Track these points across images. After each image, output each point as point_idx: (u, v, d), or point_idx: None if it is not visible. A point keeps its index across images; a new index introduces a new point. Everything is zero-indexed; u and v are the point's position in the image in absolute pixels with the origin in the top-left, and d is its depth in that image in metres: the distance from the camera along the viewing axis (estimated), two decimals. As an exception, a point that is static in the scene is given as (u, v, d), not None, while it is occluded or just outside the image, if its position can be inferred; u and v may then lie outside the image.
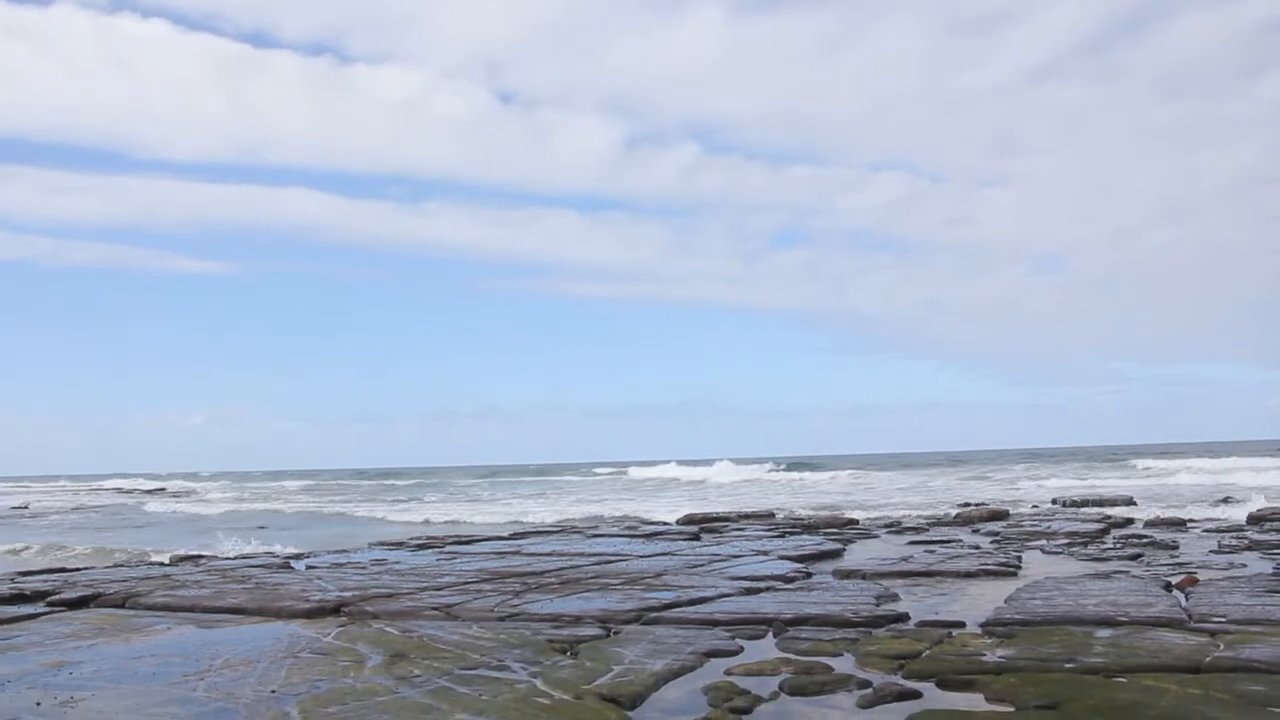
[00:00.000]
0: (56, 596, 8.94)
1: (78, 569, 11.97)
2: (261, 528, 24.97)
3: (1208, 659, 5.62)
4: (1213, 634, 6.37)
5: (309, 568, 11.84)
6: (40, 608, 8.50)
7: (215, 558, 13.88)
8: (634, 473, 59.20)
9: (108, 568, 12.49)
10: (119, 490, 63.01)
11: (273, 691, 5.37)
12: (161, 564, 12.77)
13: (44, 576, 10.83)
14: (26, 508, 40.91)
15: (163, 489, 62.43)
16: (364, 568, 11.58)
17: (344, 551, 14.68)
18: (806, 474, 51.90)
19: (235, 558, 13.87)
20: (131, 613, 8.37)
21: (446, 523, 25.44)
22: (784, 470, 56.18)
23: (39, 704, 5.13)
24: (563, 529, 19.10)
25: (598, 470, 65.36)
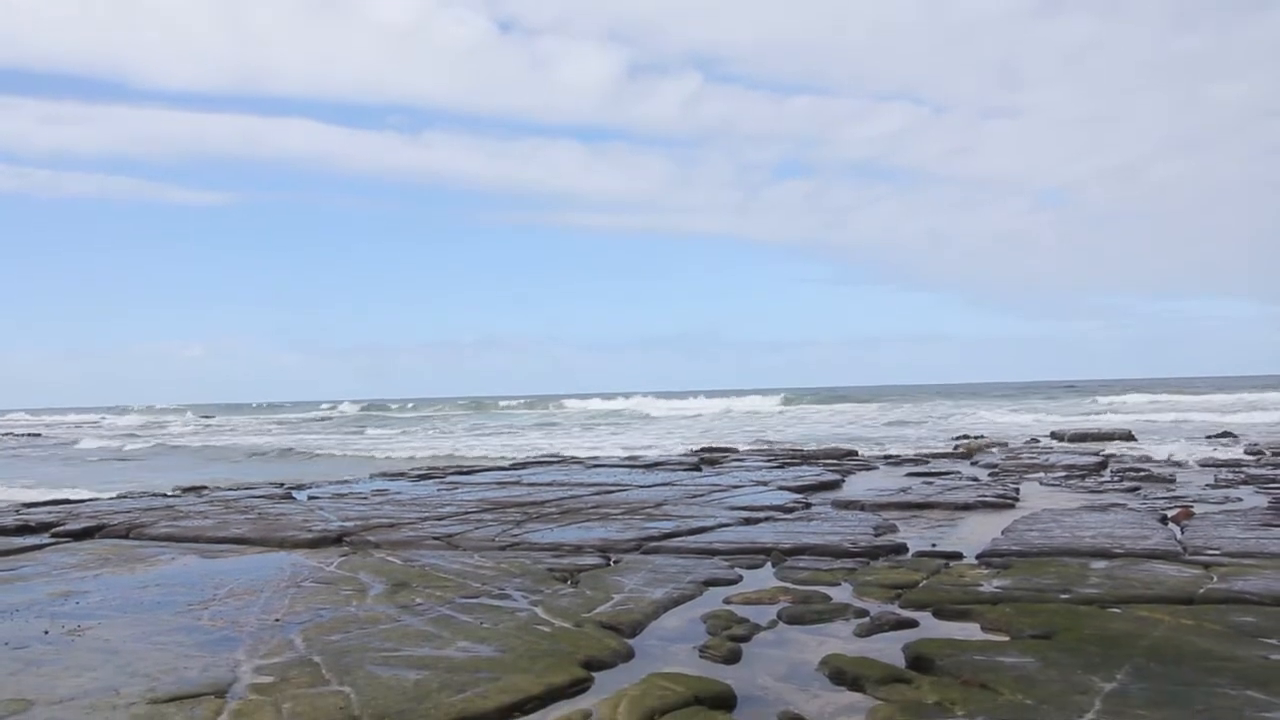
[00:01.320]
0: (61, 528, 9.01)
1: (81, 500, 12.07)
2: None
3: (1201, 591, 5.68)
4: (1206, 566, 6.43)
5: (311, 498, 11.93)
6: (45, 539, 8.58)
7: (218, 489, 13.98)
8: (633, 404, 59.42)
9: (112, 499, 12.59)
10: (74, 425, 59.25)
11: (276, 620, 5.43)
12: (164, 495, 12.87)
13: (48, 508, 10.92)
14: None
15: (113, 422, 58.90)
16: (365, 498, 11.67)
17: (345, 482, 14.79)
18: (806, 406, 52.10)
19: (238, 489, 13.97)
20: (135, 543, 8.45)
21: (428, 457, 25.27)
22: (783, 402, 56.40)
23: (47, 632, 5.19)
24: (563, 459, 19.22)
25: (596, 402, 65.58)
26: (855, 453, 19.30)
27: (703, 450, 20.91)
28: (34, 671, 4.48)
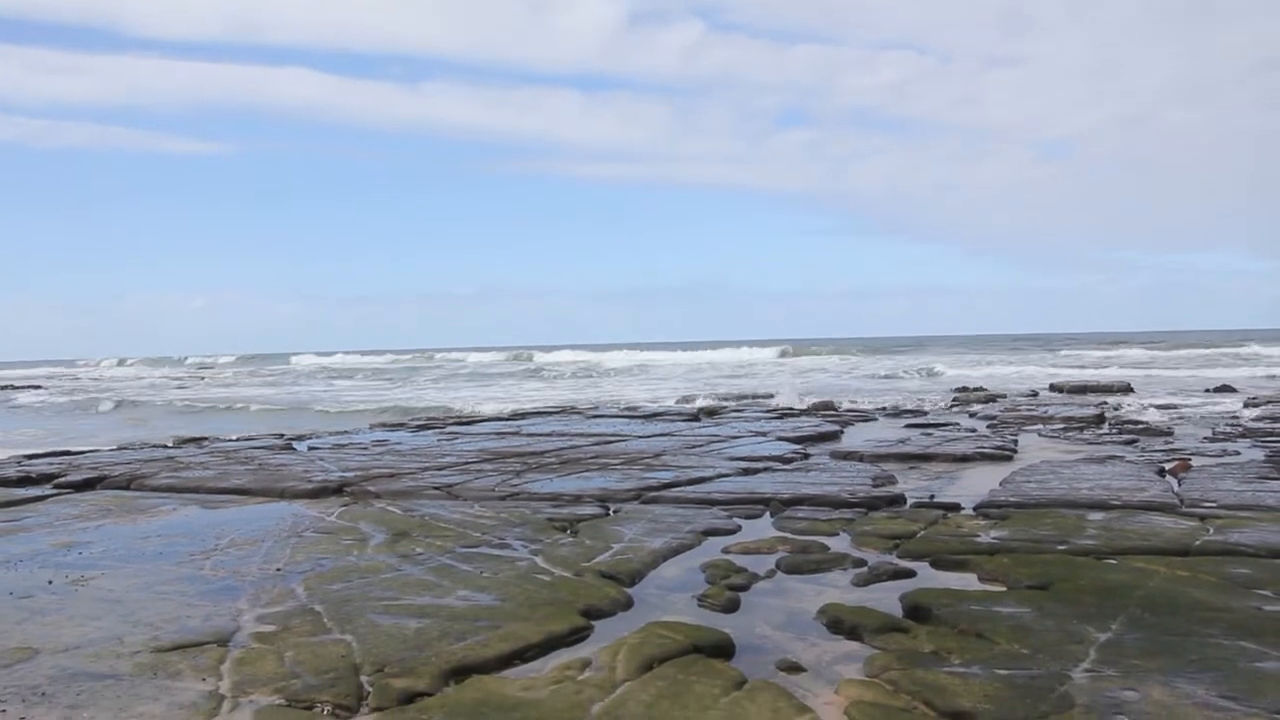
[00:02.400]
0: (63, 479, 9.04)
1: (82, 451, 12.11)
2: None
3: (1197, 542, 5.71)
4: (1203, 518, 6.46)
5: (311, 449, 11.97)
6: (47, 490, 8.61)
7: (219, 439, 14.02)
8: (632, 356, 59.43)
9: (112, 450, 12.63)
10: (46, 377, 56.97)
11: (278, 569, 5.47)
12: (165, 446, 12.90)
13: (49, 459, 10.96)
14: None
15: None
16: (365, 448, 11.71)
17: (345, 433, 14.83)
18: (806, 357, 52.14)
19: (238, 439, 14.01)
20: (137, 494, 8.49)
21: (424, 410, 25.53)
22: (783, 354, 56.42)
23: (50, 582, 5.22)
24: (563, 409, 19.26)
25: (594, 352, 65.59)
26: (854, 404, 19.34)
27: (701, 400, 20.95)
28: (39, 620, 4.51)
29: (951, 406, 18.75)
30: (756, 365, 48.41)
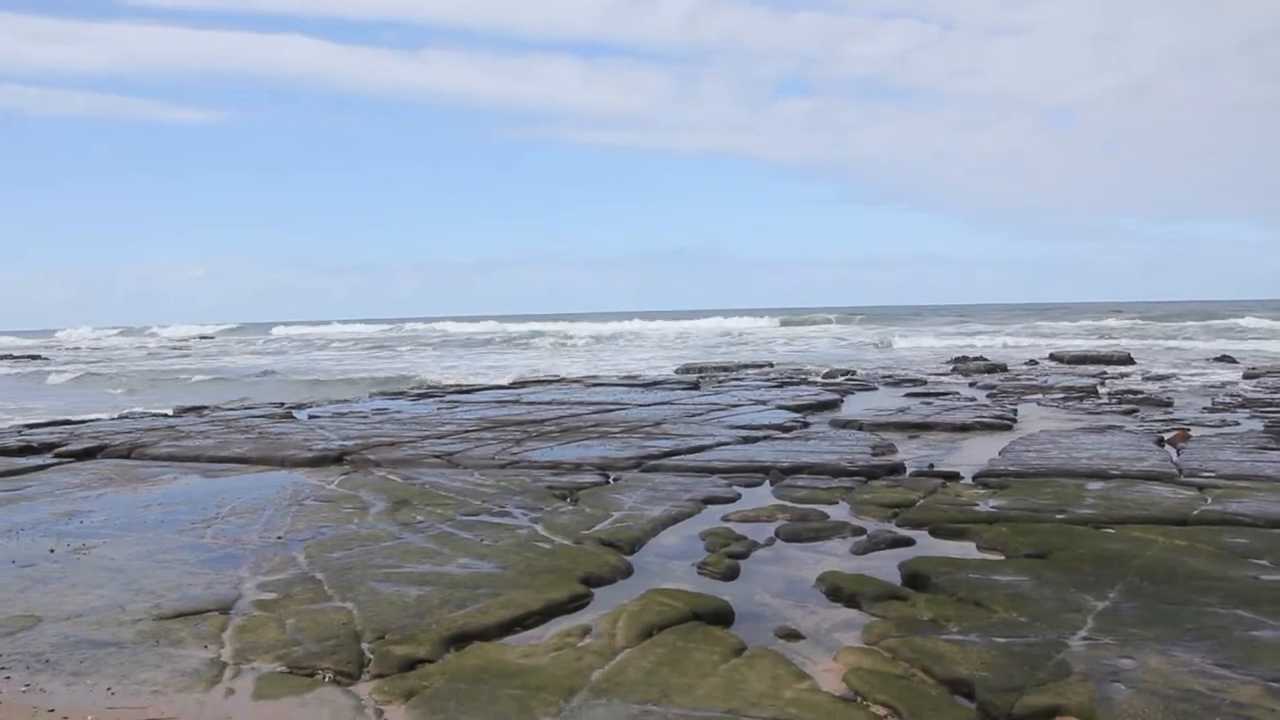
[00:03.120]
0: (64, 448, 9.05)
1: (82, 420, 12.12)
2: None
3: (1195, 512, 5.73)
4: (1201, 488, 6.48)
5: (311, 417, 11.98)
6: (48, 459, 8.62)
7: (219, 408, 14.04)
8: (630, 325, 59.39)
9: (113, 419, 12.64)
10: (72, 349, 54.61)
11: (279, 538, 5.49)
12: (165, 415, 12.92)
13: (50, 429, 10.97)
14: None
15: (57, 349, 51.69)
16: (365, 417, 11.72)
17: (345, 401, 14.85)
18: (805, 326, 52.10)
19: (239, 408, 14.03)
20: (138, 463, 8.50)
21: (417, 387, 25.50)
22: (783, 323, 56.38)
23: (52, 551, 5.24)
24: (562, 379, 19.27)
25: (593, 323, 65.49)
26: (854, 372, 19.35)
27: (701, 369, 20.95)
28: (41, 589, 4.53)
29: (951, 375, 18.76)
30: (756, 333, 48.39)
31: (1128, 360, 21.33)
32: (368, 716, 3.14)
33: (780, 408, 12.12)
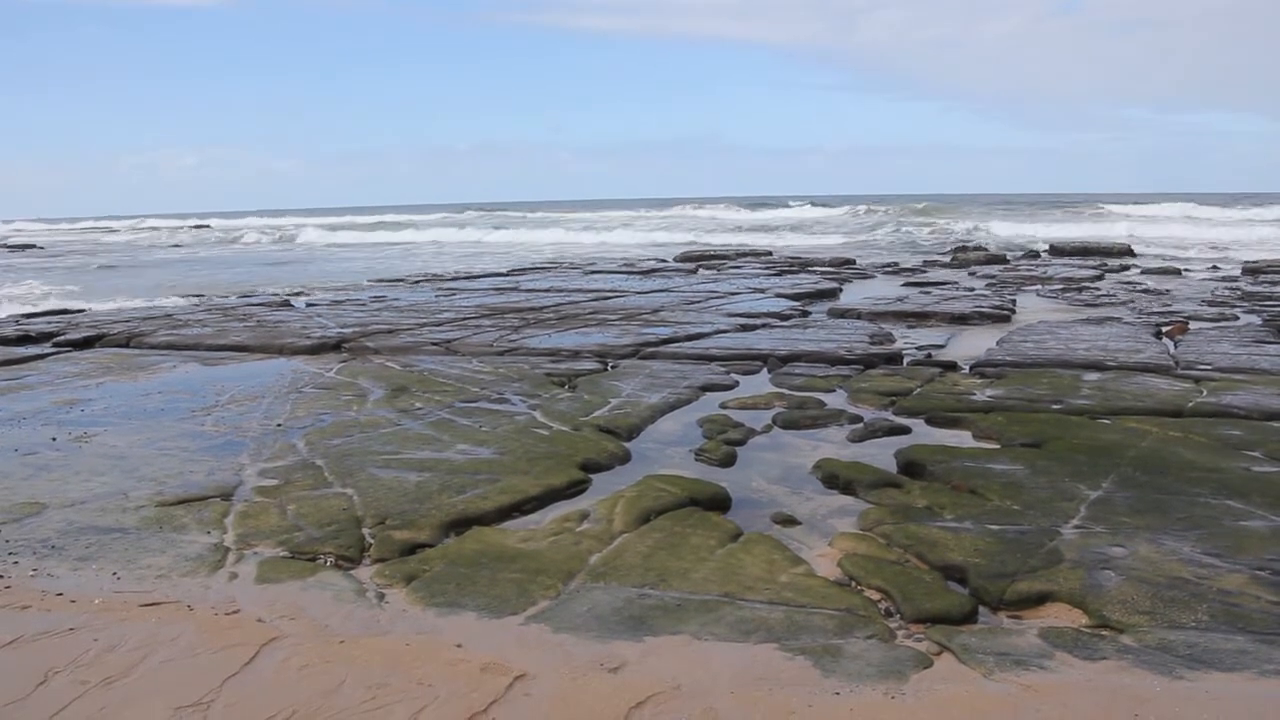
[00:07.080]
0: (62, 338, 9.02)
1: (80, 310, 12.06)
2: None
3: (1190, 404, 5.75)
4: (1197, 381, 6.49)
5: (309, 305, 11.94)
6: (47, 348, 8.60)
7: (216, 296, 13.96)
8: (629, 213, 58.70)
9: (110, 309, 12.58)
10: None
11: (278, 425, 5.52)
12: (162, 304, 12.85)
13: (48, 318, 10.91)
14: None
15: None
16: (363, 305, 11.68)
17: (343, 289, 14.77)
18: (807, 212, 51.54)
19: (236, 297, 13.96)
20: (136, 352, 8.49)
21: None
22: (784, 209, 55.77)
23: (55, 439, 5.27)
24: (559, 265, 19.14)
25: (591, 210, 64.65)
26: (853, 261, 19.22)
27: (700, 255, 20.79)
28: (45, 476, 4.57)
29: (951, 264, 18.64)
30: (756, 221, 47.87)
31: (1128, 252, 21.15)
32: (369, 600, 3.19)
33: (779, 295, 12.07)
